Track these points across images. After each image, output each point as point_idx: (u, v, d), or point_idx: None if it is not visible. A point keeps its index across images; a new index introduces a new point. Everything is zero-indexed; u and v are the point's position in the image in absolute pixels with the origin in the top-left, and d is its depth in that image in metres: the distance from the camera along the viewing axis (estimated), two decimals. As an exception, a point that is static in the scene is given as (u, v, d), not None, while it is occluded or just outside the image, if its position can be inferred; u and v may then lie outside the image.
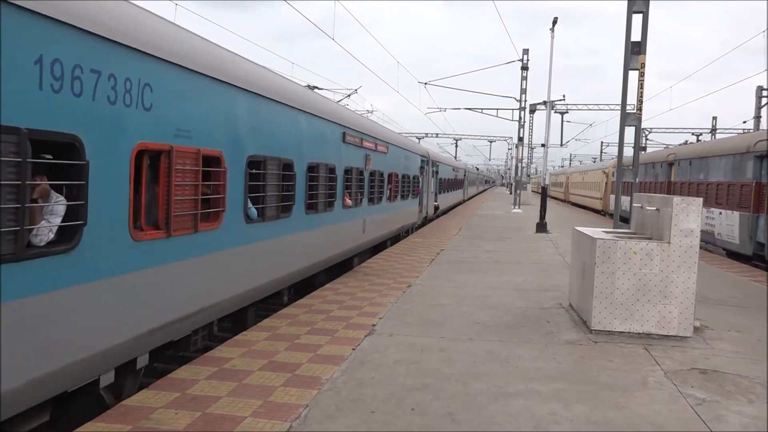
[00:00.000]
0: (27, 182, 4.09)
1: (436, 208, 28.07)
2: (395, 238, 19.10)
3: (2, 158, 3.88)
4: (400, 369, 6.23)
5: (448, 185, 34.82)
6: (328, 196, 10.82)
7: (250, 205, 7.55)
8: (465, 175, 49.85)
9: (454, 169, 39.15)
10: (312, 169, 9.93)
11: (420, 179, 22.12)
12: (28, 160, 4.09)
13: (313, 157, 9.95)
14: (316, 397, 5.38)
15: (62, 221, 4.56)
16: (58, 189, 4.61)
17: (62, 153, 4.54)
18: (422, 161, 22.75)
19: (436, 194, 28.21)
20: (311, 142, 9.88)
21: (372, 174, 14.29)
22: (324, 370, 6.11)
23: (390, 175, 16.52)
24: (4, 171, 3.92)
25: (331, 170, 10.98)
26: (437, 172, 28.16)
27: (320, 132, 10.38)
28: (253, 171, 7.69)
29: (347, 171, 12.09)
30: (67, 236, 4.60)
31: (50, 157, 4.50)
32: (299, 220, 9.42)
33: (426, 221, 25.46)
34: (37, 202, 4.45)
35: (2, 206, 3.93)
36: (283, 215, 8.74)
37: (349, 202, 12.18)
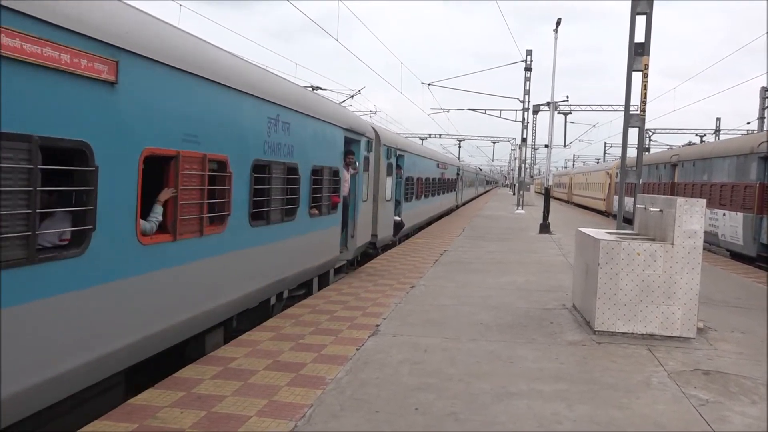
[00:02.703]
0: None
1: (399, 225, 17.13)
2: (261, 311, 8.41)
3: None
4: (403, 369, 6.26)
5: (427, 188, 24.07)
6: None
7: None
8: (459, 174, 39.43)
9: (439, 165, 28.32)
10: None
11: (345, 175, 11.68)
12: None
13: None
14: (321, 397, 5.41)
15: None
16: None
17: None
18: (353, 142, 12.21)
19: (399, 203, 18.08)
20: None
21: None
22: (328, 370, 6.14)
23: (178, 164, 5.95)
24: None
25: None
26: (399, 167, 17.93)
27: None
28: None
29: None
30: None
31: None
32: None
33: (376, 249, 15.21)
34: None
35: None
36: None
37: None
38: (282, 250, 8.71)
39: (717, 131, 49.49)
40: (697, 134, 50.14)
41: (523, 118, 36.60)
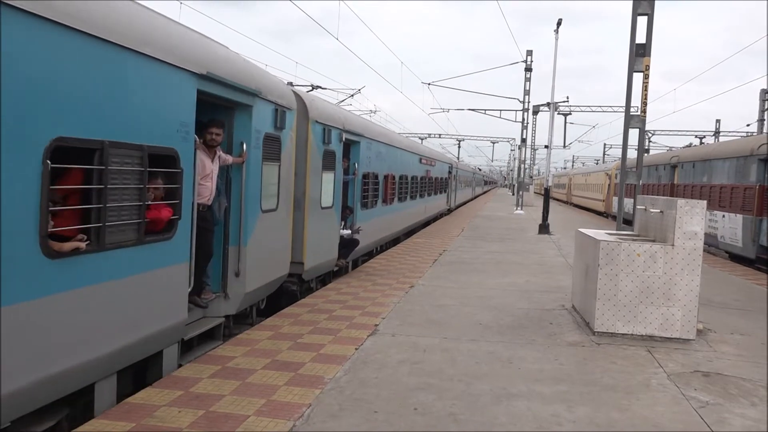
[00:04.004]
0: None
1: (351, 243, 12.33)
2: None
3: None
4: (402, 369, 6.24)
5: (402, 189, 18.83)
6: None
7: None
8: (451, 172, 33.62)
9: (422, 160, 22.85)
10: None
11: (205, 165, 6.80)
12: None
13: None
14: (319, 397, 5.39)
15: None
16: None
17: None
18: (238, 108, 7.36)
19: (351, 210, 12.83)
20: None
21: None
22: (327, 370, 6.12)
23: None
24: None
25: None
26: (347, 159, 12.62)
27: None
28: None
29: None
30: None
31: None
32: None
33: (305, 284, 10.25)
34: None
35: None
36: None
37: None
38: None
39: (717, 133, 49.51)
40: (696, 136, 50.17)
41: (523, 119, 36.61)
